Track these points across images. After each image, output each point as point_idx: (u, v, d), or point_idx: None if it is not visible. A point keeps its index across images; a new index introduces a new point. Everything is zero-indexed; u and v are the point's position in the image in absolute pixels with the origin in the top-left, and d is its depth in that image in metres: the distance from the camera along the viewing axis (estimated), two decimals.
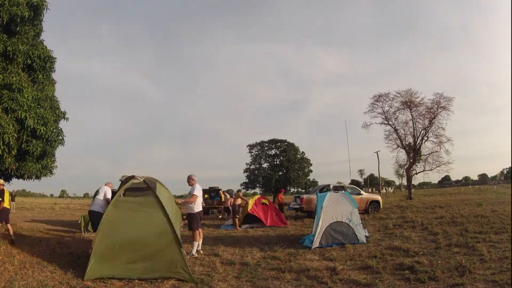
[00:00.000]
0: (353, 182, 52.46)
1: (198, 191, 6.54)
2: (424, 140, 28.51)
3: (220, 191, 19.66)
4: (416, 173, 29.64)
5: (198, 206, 6.58)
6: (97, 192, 7.26)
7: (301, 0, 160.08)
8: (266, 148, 44.61)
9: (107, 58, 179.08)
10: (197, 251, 6.60)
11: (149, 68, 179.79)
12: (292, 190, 43.48)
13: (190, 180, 6.69)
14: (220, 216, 16.70)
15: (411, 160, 28.83)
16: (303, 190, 40.76)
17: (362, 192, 15.89)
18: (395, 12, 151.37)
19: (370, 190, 53.93)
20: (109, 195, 6.96)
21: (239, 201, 12.49)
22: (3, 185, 7.10)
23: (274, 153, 44.32)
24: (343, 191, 10.06)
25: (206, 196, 19.49)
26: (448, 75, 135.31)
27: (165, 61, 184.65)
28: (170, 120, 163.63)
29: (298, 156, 43.52)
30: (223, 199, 18.76)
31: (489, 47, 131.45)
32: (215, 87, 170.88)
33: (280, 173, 42.84)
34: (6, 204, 7.10)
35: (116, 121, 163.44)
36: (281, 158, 43.20)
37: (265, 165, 44.00)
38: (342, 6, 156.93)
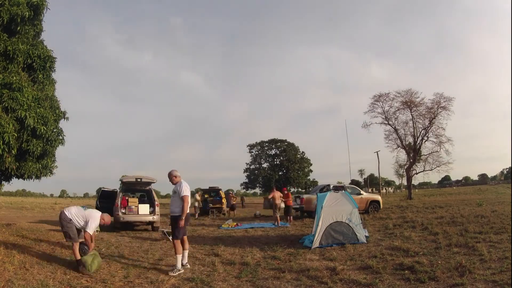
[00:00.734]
0: (353, 182, 52.43)
1: (188, 190, 5.35)
2: (424, 140, 28.57)
3: (220, 191, 19.67)
4: (416, 173, 29.70)
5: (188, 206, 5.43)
6: None
7: (367, 15, 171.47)
8: (266, 148, 44.65)
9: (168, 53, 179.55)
10: (182, 265, 5.31)
11: (205, 65, 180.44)
12: (292, 189, 43.62)
13: (172, 178, 5.43)
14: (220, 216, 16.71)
15: (411, 160, 28.84)
16: (303, 190, 40.78)
17: (362, 192, 15.89)
18: (443, 34, 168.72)
19: (370, 190, 53.91)
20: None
21: (278, 198, 12.81)
22: None
23: (274, 153, 44.36)
24: (343, 191, 10.06)
25: (206, 196, 19.49)
26: (475, 88, 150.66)
27: (224, 60, 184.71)
28: (212, 119, 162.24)
29: (298, 156, 43.54)
30: (223, 200, 18.76)
31: (503, 66, 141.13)
32: (264, 87, 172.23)
33: (280, 173, 42.87)
34: None
35: (156, 120, 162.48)
36: (281, 158, 43.23)
37: (265, 165, 44.05)
38: (406, 25, 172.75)
